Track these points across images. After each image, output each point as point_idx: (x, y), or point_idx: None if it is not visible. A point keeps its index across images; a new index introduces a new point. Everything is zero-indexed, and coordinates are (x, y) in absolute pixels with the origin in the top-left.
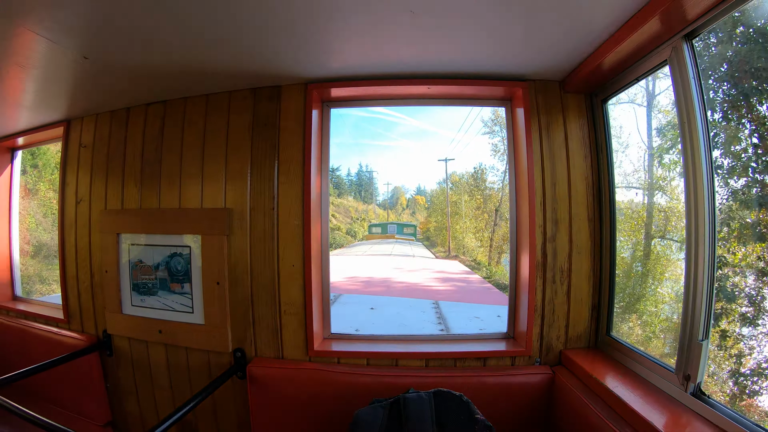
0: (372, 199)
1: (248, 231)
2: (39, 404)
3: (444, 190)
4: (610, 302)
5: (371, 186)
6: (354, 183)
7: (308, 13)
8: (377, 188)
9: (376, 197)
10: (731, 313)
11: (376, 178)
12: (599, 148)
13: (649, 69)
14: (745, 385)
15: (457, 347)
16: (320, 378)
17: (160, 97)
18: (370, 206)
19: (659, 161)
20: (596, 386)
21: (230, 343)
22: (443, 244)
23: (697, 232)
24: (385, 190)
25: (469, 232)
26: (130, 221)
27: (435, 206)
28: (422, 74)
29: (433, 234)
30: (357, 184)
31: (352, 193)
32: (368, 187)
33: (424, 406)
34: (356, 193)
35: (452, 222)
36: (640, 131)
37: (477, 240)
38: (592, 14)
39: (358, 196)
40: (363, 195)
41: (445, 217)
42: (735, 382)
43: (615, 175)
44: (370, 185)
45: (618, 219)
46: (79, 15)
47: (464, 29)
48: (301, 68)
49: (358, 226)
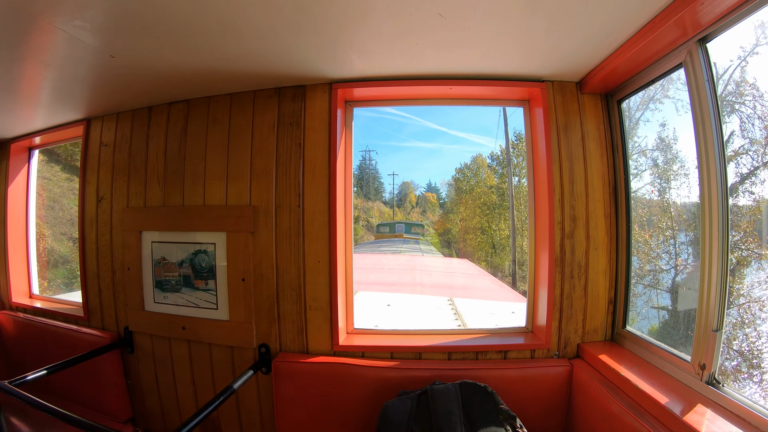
0: (377, 195)
1: (274, 228)
2: (59, 401)
3: (479, 165)
4: (626, 296)
5: (375, 180)
6: (355, 177)
7: (341, 15)
8: (383, 182)
9: (382, 193)
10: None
11: (377, 168)
12: (615, 147)
13: (664, 72)
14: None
15: (479, 341)
16: (346, 372)
17: (183, 96)
18: (374, 204)
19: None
20: (614, 377)
21: (255, 338)
22: (489, 258)
23: (711, 227)
24: (390, 185)
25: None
26: (153, 219)
27: (462, 194)
28: (444, 75)
29: (458, 238)
30: (358, 178)
31: (354, 188)
32: (372, 181)
33: (451, 397)
34: (358, 188)
35: (489, 221)
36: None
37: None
38: (611, 19)
39: (359, 191)
40: (365, 190)
41: (481, 213)
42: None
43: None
44: (375, 179)
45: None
46: (109, 14)
47: (489, 32)
48: (326, 68)
49: (356, 227)
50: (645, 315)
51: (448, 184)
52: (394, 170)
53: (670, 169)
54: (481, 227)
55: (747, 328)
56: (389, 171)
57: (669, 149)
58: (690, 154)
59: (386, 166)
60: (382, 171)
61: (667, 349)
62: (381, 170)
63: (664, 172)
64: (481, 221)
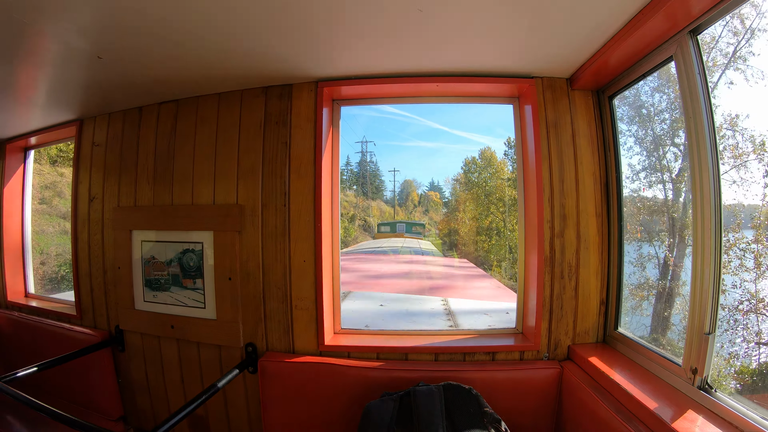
0: (377, 193)
1: (260, 227)
2: (51, 399)
3: (489, 159)
4: (618, 297)
5: (376, 178)
6: (354, 174)
7: (320, 13)
8: (383, 180)
9: (383, 191)
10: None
11: (378, 164)
12: (606, 144)
13: (655, 65)
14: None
15: (467, 342)
16: (331, 371)
17: (172, 95)
18: (375, 202)
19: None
20: (604, 381)
21: (242, 337)
22: (504, 265)
23: (703, 227)
24: (391, 182)
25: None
26: (143, 218)
27: (474, 187)
28: (431, 72)
29: (467, 240)
30: (358, 175)
31: (353, 186)
32: (372, 178)
33: (434, 399)
34: (358, 186)
35: (505, 220)
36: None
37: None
38: (598, 12)
39: (359, 189)
40: (364, 188)
41: (495, 210)
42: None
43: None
44: (375, 177)
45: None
46: (94, 16)
47: (472, 28)
48: (312, 67)
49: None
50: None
51: (454, 180)
52: (395, 166)
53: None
54: (495, 227)
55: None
56: (390, 167)
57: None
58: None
59: (387, 164)
60: (383, 168)
61: (658, 352)
62: (382, 168)
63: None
64: (496, 220)
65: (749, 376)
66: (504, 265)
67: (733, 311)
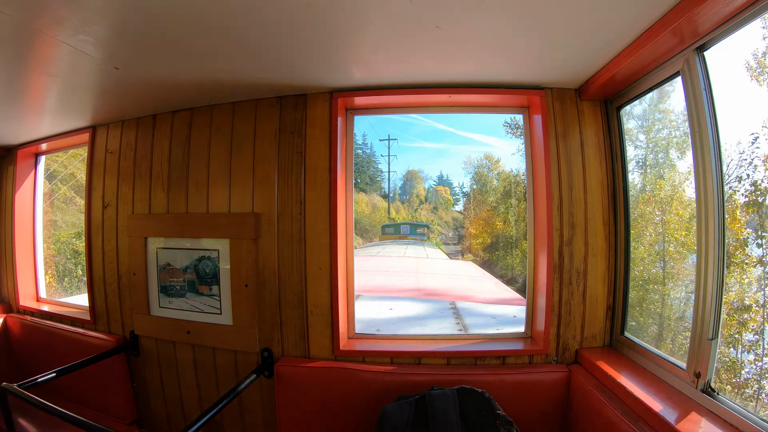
0: (373, 185)
1: (276, 235)
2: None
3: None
4: (624, 303)
5: (371, 166)
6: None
7: (340, 27)
8: (380, 169)
9: (380, 182)
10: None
11: (374, 149)
12: (614, 153)
13: (662, 79)
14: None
15: (477, 346)
16: (346, 376)
17: (186, 104)
18: (367, 196)
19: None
20: (611, 384)
21: (257, 343)
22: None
23: (707, 235)
24: (393, 173)
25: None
26: (158, 225)
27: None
28: (443, 83)
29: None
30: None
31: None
32: (366, 167)
33: (449, 402)
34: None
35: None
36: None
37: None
38: (607, 28)
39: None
40: (362, 179)
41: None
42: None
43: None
44: (370, 164)
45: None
46: (113, 29)
47: (485, 43)
48: (326, 78)
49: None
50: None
51: (476, 166)
52: (398, 166)
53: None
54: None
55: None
56: (393, 156)
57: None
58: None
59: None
60: (381, 157)
61: (663, 356)
62: (379, 155)
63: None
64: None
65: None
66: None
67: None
